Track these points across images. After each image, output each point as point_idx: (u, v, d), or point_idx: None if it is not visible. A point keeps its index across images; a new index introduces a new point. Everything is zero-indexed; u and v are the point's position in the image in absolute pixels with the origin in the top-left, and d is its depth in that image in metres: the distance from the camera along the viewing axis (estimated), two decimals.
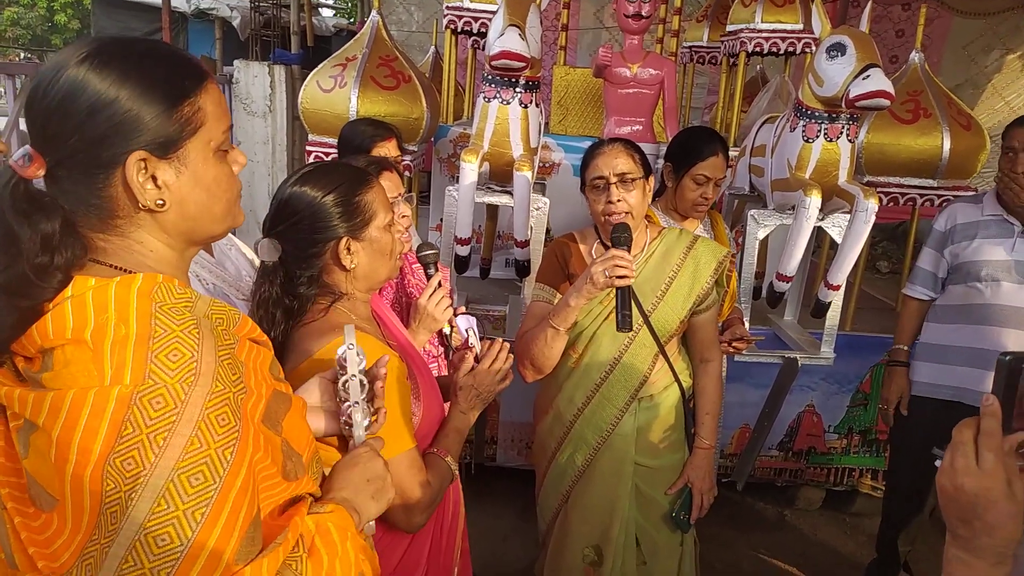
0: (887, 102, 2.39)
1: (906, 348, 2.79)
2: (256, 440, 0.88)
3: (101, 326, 0.80)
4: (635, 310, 2.00)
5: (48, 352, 0.82)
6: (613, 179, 1.96)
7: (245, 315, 0.97)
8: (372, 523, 1.15)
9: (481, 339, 1.77)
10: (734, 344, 2.48)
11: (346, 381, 1.13)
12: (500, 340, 1.65)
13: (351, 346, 1.12)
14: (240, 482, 0.82)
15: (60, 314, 0.82)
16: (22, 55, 21.86)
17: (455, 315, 1.86)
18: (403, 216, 1.92)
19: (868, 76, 2.38)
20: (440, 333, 1.91)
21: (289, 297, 1.38)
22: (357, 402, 1.14)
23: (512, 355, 1.65)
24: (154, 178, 0.87)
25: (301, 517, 0.94)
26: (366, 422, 1.16)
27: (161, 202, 0.88)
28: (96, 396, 0.77)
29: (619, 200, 1.96)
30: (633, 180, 1.97)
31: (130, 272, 0.87)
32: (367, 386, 1.16)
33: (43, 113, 0.83)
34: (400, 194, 1.91)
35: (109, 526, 0.75)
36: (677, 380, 2.14)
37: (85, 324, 0.81)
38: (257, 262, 2.11)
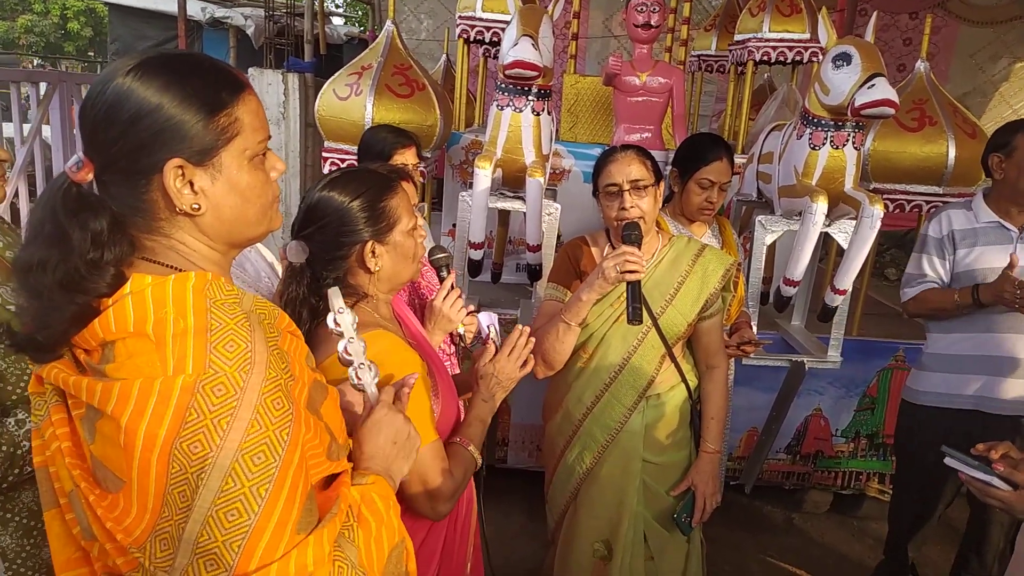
0: (892, 111, 2.43)
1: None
2: (307, 422, 0.95)
3: (161, 320, 0.86)
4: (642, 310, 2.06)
5: (109, 345, 0.88)
6: (627, 186, 2.02)
7: (282, 311, 1.03)
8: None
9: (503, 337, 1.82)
10: (742, 347, 2.52)
11: (345, 345, 1.16)
12: (520, 326, 1.69)
13: (341, 310, 1.16)
14: (297, 459, 0.89)
15: (121, 309, 0.88)
16: (36, 62, 22.07)
17: (475, 312, 1.91)
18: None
19: (873, 85, 2.42)
20: (452, 333, 1.97)
21: (315, 297, 1.43)
22: (363, 363, 1.18)
23: (532, 339, 1.69)
24: (191, 184, 0.93)
25: (348, 488, 1.02)
26: (375, 378, 1.20)
27: (197, 206, 0.93)
28: (162, 385, 0.83)
29: (632, 206, 2.02)
30: (646, 187, 2.03)
31: (178, 270, 0.94)
32: (365, 344, 1.20)
33: (91, 121, 0.90)
34: (414, 204, 1.97)
35: (180, 504, 0.82)
36: (684, 380, 2.19)
37: (146, 318, 0.87)
38: (276, 264, 2.18)
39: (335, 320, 1.16)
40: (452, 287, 1.91)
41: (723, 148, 2.48)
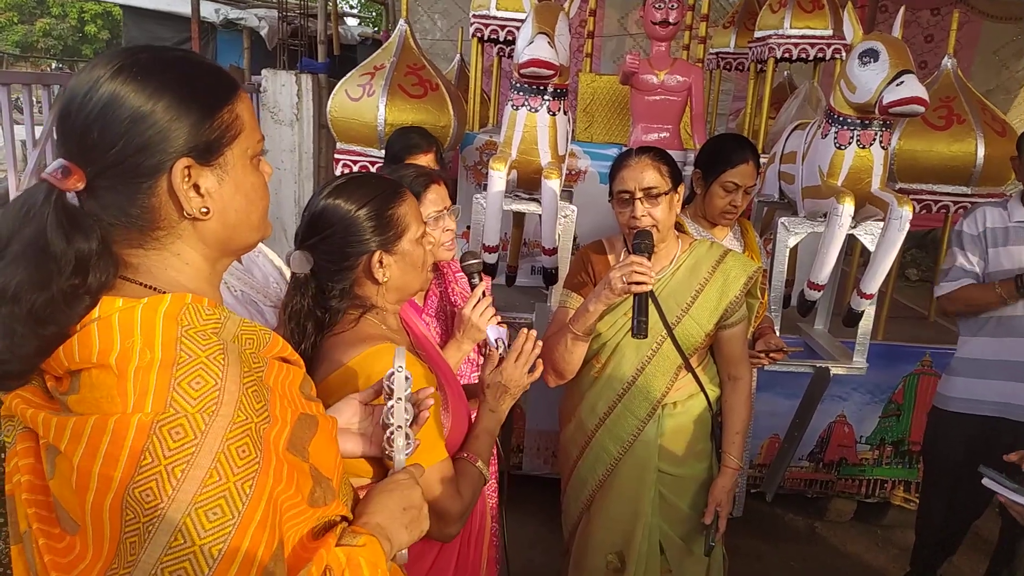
0: (922, 108, 2.34)
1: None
2: (279, 471, 0.85)
3: (126, 351, 0.79)
4: (657, 320, 1.99)
5: (75, 374, 0.80)
6: (639, 194, 1.95)
7: (276, 334, 0.95)
8: (404, 552, 1.12)
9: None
10: (771, 355, 2.44)
11: (392, 406, 1.11)
12: (526, 330, 1.60)
13: (400, 369, 1.10)
14: (259, 516, 0.80)
15: (87, 337, 0.80)
16: (54, 65, 22.26)
17: (505, 324, 1.85)
18: (447, 230, 1.92)
19: (902, 82, 2.34)
20: (483, 342, 1.91)
21: (320, 309, 1.38)
22: (401, 426, 1.12)
23: (540, 343, 1.60)
24: (196, 187, 0.86)
25: (328, 548, 0.91)
26: (409, 448, 1.14)
27: (205, 210, 0.87)
28: (116, 423, 0.75)
29: (644, 215, 1.95)
30: (659, 195, 1.95)
31: (159, 291, 0.86)
32: (412, 411, 1.14)
33: (82, 124, 0.81)
34: (446, 207, 1.91)
35: (128, 556, 0.74)
36: (703, 390, 2.12)
37: (111, 348, 0.79)
38: (285, 269, 2.13)
39: (391, 378, 1.12)
40: (484, 295, 1.85)
41: (749, 150, 2.41)
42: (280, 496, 0.85)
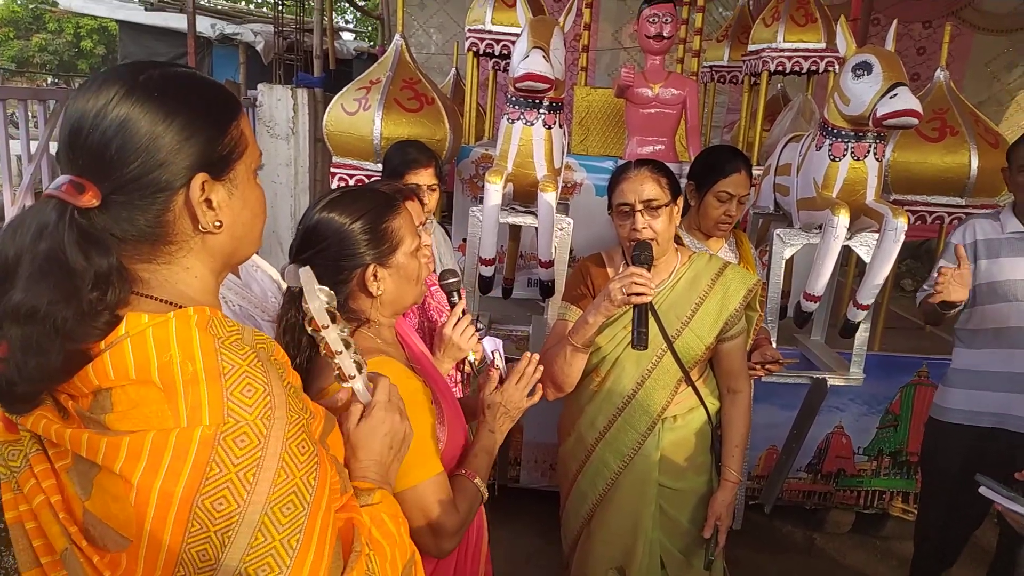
0: (915, 120, 2.36)
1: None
2: (330, 460, 0.91)
3: (166, 365, 0.79)
4: (657, 334, 1.98)
5: (104, 392, 0.79)
6: (639, 206, 1.95)
7: (275, 341, 0.97)
8: None
9: (507, 362, 1.75)
10: (767, 367, 2.44)
11: (323, 336, 1.06)
12: (528, 354, 1.62)
13: (320, 289, 1.05)
14: (324, 503, 0.85)
15: (120, 354, 0.79)
16: (49, 80, 22.28)
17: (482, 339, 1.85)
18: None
19: (895, 95, 2.35)
20: (461, 361, 1.90)
21: None
22: (342, 351, 1.07)
23: (541, 367, 1.62)
24: (208, 201, 0.88)
25: (359, 514, 0.97)
26: (361, 371, 1.11)
27: (219, 223, 0.89)
28: (178, 438, 0.76)
29: (644, 227, 1.95)
30: (659, 207, 1.95)
31: (176, 305, 0.86)
32: (347, 328, 1.10)
33: (99, 141, 0.81)
34: (420, 223, 1.91)
35: (199, 562, 0.76)
36: (703, 403, 2.11)
37: (148, 363, 0.79)
38: (283, 284, 2.12)
39: (314, 308, 1.03)
40: (464, 313, 1.85)
41: (741, 160, 2.43)
42: (332, 483, 0.90)
